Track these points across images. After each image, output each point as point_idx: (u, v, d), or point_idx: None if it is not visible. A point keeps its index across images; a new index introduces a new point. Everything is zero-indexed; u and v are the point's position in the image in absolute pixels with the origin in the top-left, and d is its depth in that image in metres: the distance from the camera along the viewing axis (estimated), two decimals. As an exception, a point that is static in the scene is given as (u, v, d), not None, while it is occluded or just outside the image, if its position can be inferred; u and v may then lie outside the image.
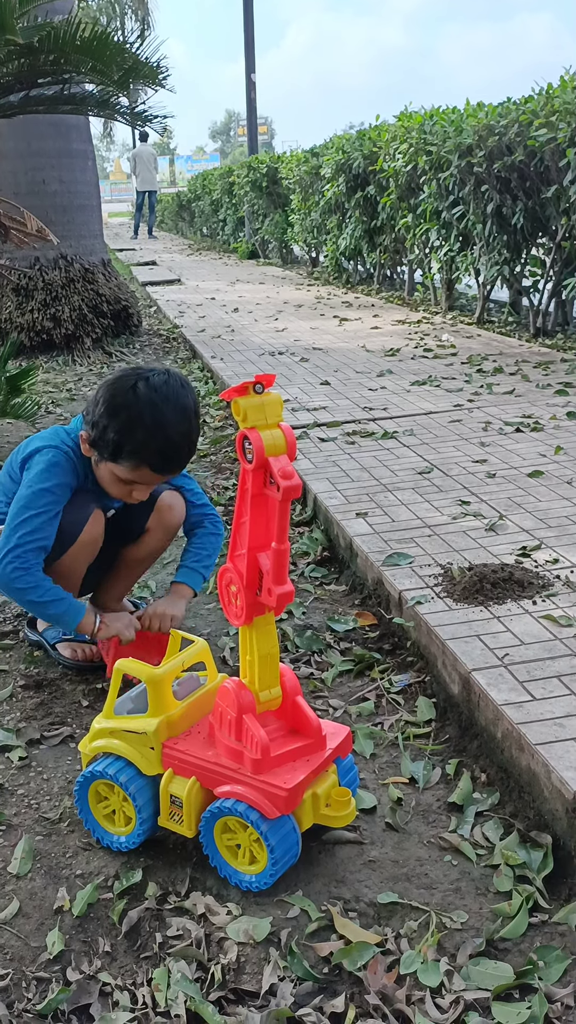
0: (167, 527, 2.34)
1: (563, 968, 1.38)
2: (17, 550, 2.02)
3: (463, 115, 6.51)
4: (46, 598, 2.05)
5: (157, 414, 1.97)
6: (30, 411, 3.98)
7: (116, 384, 2.02)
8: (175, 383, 2.02)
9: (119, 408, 1.98)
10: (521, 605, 2.27)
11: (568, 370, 5.06)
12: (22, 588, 2.03)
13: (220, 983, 1.39)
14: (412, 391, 4.73)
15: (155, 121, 4.81)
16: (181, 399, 2.00)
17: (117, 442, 1.99)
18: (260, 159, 13.21)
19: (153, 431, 1.97)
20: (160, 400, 1.97)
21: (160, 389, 1.98)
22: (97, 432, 2.02)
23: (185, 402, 2.01)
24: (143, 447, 1.99)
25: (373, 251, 9.19)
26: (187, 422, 2.01)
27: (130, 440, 1.99)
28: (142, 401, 1.97)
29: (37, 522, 2.05)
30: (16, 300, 6.27)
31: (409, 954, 1.42)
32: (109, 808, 1.69)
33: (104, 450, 2.03)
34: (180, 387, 2.02)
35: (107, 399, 2.00)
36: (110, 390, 2.02)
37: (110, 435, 1.99)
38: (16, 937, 1.49)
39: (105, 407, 2.00)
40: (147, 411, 1.96)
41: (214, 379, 5.55)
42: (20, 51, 3.96)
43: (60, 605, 2.06)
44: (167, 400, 1.98)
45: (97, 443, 2.04)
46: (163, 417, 1.97)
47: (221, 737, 1.60)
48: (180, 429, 2.00)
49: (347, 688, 2.21)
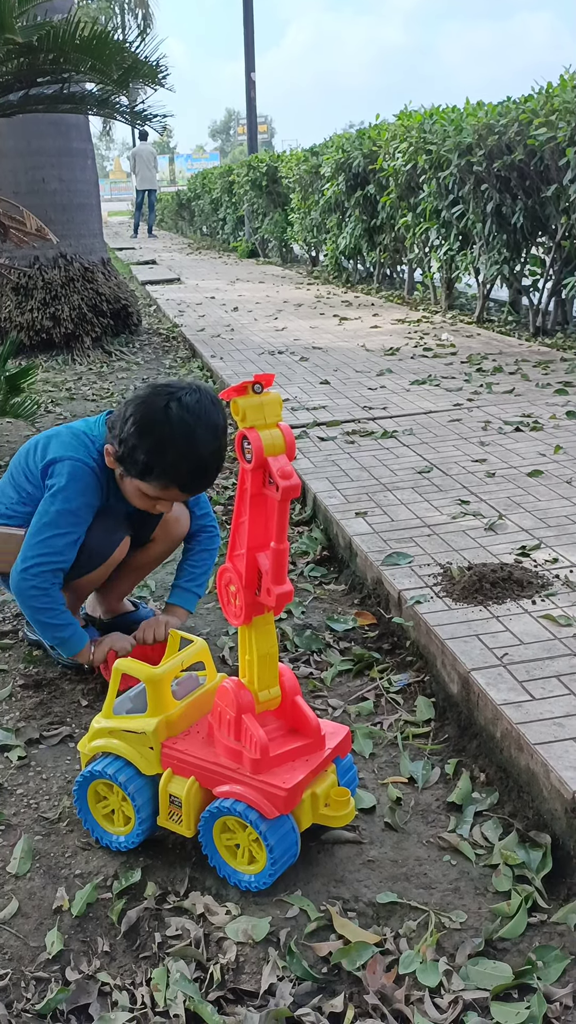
0: (172, 538, 2.37)
1: (562, 968, 1.38)
2: (37, 568, 2.03)
3: (463, 114, 6.50)
4: (56, 621, 2.08)
5: (189, 436, 1.92)
6: (30, 410, 3.98)
7: (147, 402, 1.96)
8: (207, 402, 1.95)
9: (150, 428, 1.93)
10: (520, 605, 2.27)
11: (568, 369, 5.06)
12: (37, 607, 2.05)
13: (219, 983, 1.39)
14: (412, 390, 4.73)
15: (155, 120, 4.81)
16: (213, 418, 1.95)
17: (147, 463, 1.96)
18: (260, 158, 13.20)
19: (185, 454, 1.93)
20: (192, 421, 1.91)
21: (193, 409, 1.92)
22: (125, 450, 1.98)
23: (216, 420, 1.95)
24: (174, 468, 1.96)
25: (373, 250, 9.19)
26: (217, 441, 1.96)
27: (160, 461, 1.95)
28: (174, 422, 1.91)
29: (59, 544, 2.05)
30: (16, 299, 6.26)
31: (408, 954, 1.42)
32: (108, 808, 1.69)
33: (132, 468, 1.99)
34: (211, 405, 1.96)
35: (138, 419, 1.95)
36: (141, 408, 1.96)
37: (140, 456, 1.95)
38: (15, 937, 1.49)
39: (136, 427, 1.94)
40: (179, 433, 1.91)
41: (213, 378, 5.54)
42: (20, 50, 3.96)
43: (67, 631, 2.10)
44: (199, 420, 1.92)
45: (124, 460, 2.00)
46: (195, 439, 1.92)
47: (220, 737, 1.60)
48: (211, 449, 1.95)
49: (346, 688, 2.21)
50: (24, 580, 2.03)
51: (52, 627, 2.08)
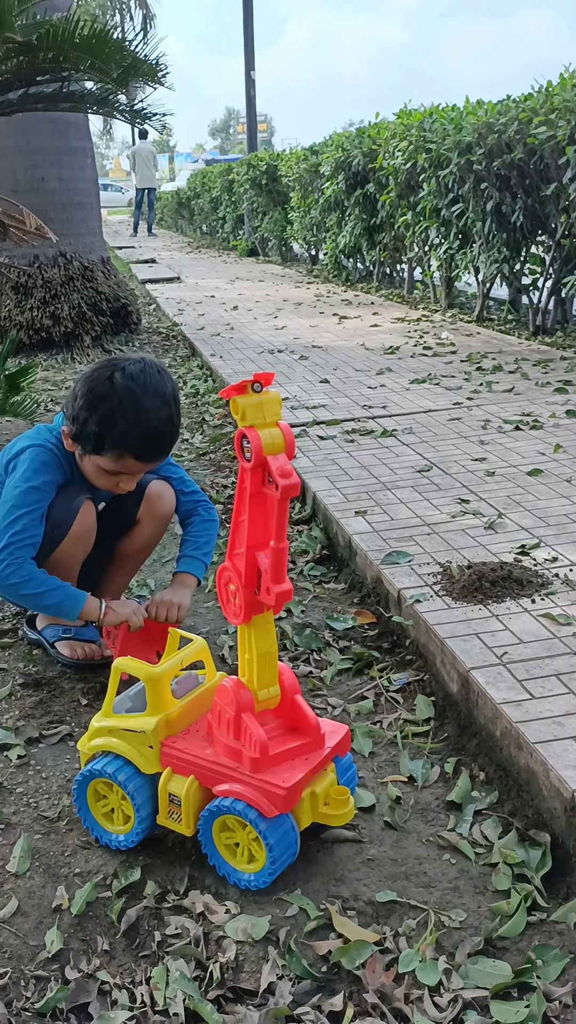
0: (158, 516, 2.34)
1: (561, 967, 1.38)
2: (8, 549, 2.03)
3: (463, 113, 6.50)
4: (42, 588, 2.04)
5: (136, 402, 1.97)
6: (29, 409, 3.97)
7: (93, 376, 2.02)
8: (152, 370, 2.02)
9: (97, 400, 1.99)
10: (520, 604, 2.27)
11: (567, 368, 5.06)
12: (16, 583, 2.03)
13: (219, 981, 1.39)
14: (411, 389, 4.73)
15: (154, 119, 4.80)
16: (159, 386, 2.01)
17: (98, 434, 2.00)
18: (260, 156, 13.19)
19: (133, 420, 1.97)
20: (138, 388, 1.98)
21: (137, 377, 1.99)
22: (78, 426, 2.03)
23: (163, 388, 2.01)
24: (124, 436, 2.00)
25: (372, 249, 9.19)
26: (167, 408, 2.01)
27: (111, 431, 1.99)
28: (120, 391, 1.97)
29: (26, 520, 2.06)
30: (15, 298, 6.26)
31: (407, 953, 1.42)
32: (108, 806, 1.69)
33: (87, 443, 2.04)
34: (157, 374, 2.02)
35: (85, 392, 2.01)
36: (87, 383, 2.02)
37: (91, 428, 2.00)
38: (15, 936, 1.49)
39: (84, 400, 2.01)
40: (126, 400, 1.97)
41: (213, 377, 5.54)
42: (19, 48, 3.95)
43: (57, 594, 2.05)
44: (145, 388, 1.98)
45: (79, 437, 2.05)
46: (142, 405, 1.98)
47: (220, 736, 1.60)
48: (160, 416, 2.00)
49: (346, 686, 2.21)
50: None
51: (41, 595, 2.05)
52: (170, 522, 2.41)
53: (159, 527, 2.38)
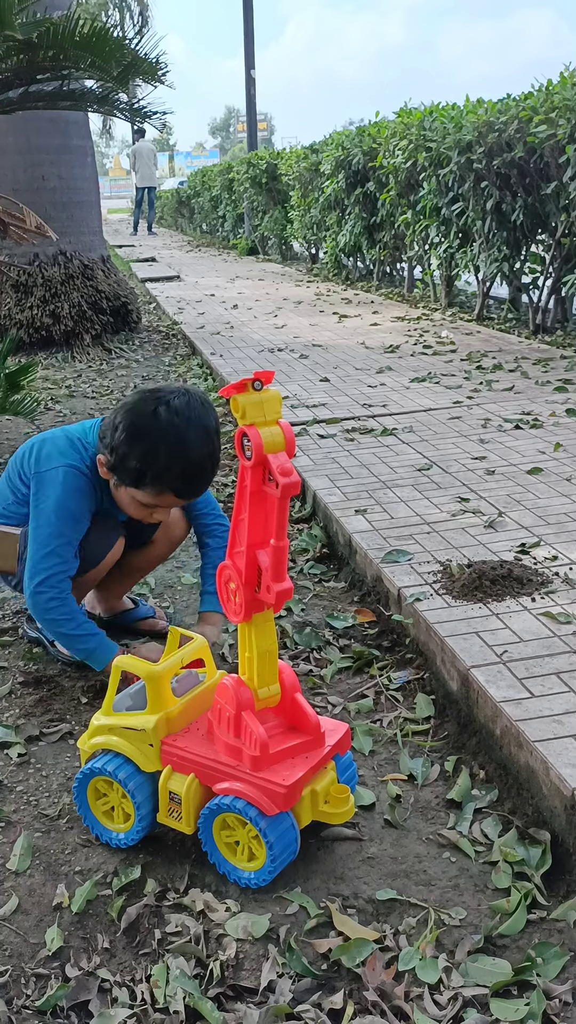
0: (172, 540, 2.38)
1: (561, 965, 1.38)
2: (51, 580, 2.01)
3: (463, 111, 6.50)
4: (80, 631, 2.05)
5: (180, 439, 1.90)
6: (29, 408, 3.98)
7: (136, 409, 1.94)
8: (196, 404, 1.94)
9: (140, 435, 1.92)
10: (520, 602, 2.27)
11: (567, 367, 5.06)
12: (57, 619, 2.03)
13: (219, 979, 1.39)
14: (411, 388, 4.73)
15: (154, 117, 4.80)
16: (203, 420, 1.93)
17: (140, 470, 1.94)
18: (260, 155, 13.19)
19: (176, 457, 1.91)
20: (182, 424, 1.90)
21: (182, 412, 1.90)
22: (117, 458, 1.96)
23: (207, 423, 1.93)
24: (167, 473, 1.94)
25: (373, 247, 9.18)
26: (210, 444, 1.94)
27: (153, 467, 1.93)
28: (164, 426, 1.89)
29: (64, 551, 2.04)
30: (15, 296, 6.26)
31: (408, 951, 1.42)
32: (108, 805, 1.69)
33: (125, 476, 1.97)
34: (201, 407, 1.94)
35: (127, 425, 1.93)
36: (130, 416, 1.94)
37: (132, 463, 1.94)
38: (15, 933, 1.49)
39: (126, 434, 1.93)
40: (170, 437, 1.89)
41: (213, 376, 5.54)
42: (19, 47, 3.95)
43: (92, 640, 2.06)
44: (189, 423, 1.90)
45: (117, 469, 1.98)
46: (186, 442, 1.90)
47: (220, 734, 1.60)
48: (204, 452, 1.93)
49: (346, 685, 2.21)
50: (40, 593, 2.01)
51: (76, 638, 2.05)
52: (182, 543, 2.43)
53: (171, 548, 2.42)
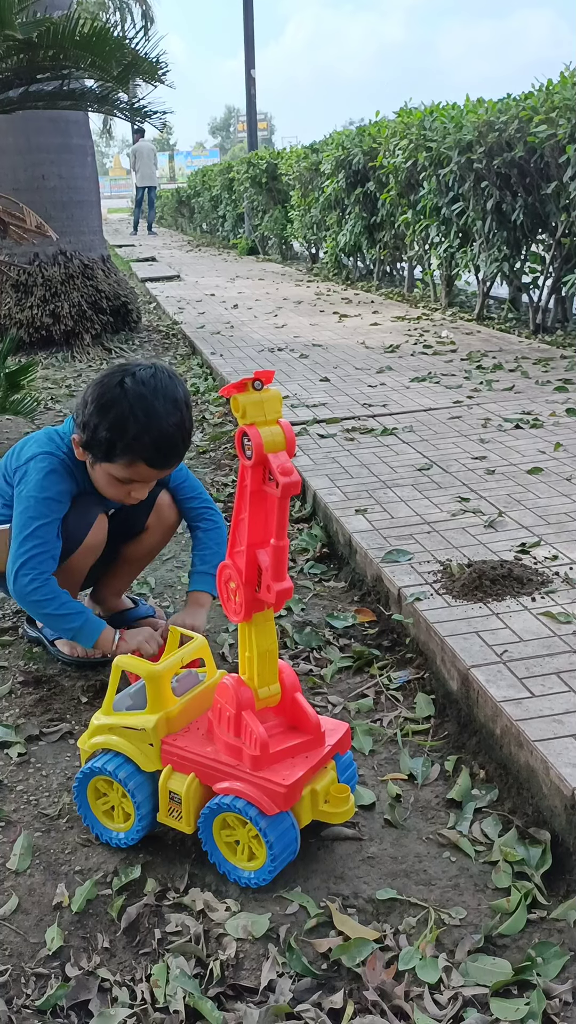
0: (167, 525, 2.36)
1: (561, 964, 1.38)
2: (31, 563, 2.01)
3: (463, 111, 6.50)
4: (63, 611, 2.04)
5: (147, 407, 1.94)
6: (29, 407, 3.97)
7: (103, 382, 2.00)
8: (163, 375, 1.99)
9: (108, 406, 1.96)
10: (520, 602, 2.27)
11: (568, 367, 5.06)
12: (39, 600, 2.03)
13: (219, 979, 1.39)
14: (411, 387, 4.73)
15: (155, 117, 4.80)
16: (170, 391, 1.98)
17: (110, 440, 1.97)
18: (260, 155, 13.19)
19: (145, 425, 1.95)
20: (149, 393, 1.95)
21: (148, 382, 1.96)
22: (88, 433, 2.00)
23: (175, 393, 1.99)
24: (136, 442, 1.96)
25: (373, 247, 9.18)
26: (179, 413, 1.98)
27: (122, 436, 1.96)
28: (131, 396, 1.95)
29: (43, 533, 2.04)
30: (15, 296, 6.26)
31: (408, 950, 1.42)
32: (108, 804, 1.69)
33: (97, 450, 2.01)
34: (168, 379, 2.00)
35: (95, 398, 1.98)
36: (97, 389, 1.99)
37: (102, 434, 1.97)
38: (15, 933, 1.49)
39: (94, 407, 1.98)
40: (137, 405, 1.94)
41: (213, 375, 5.54)
42: (19, 46, 3.95)
43: (78, 619, 2.05)
44: (156, 392, 1.96)
45: (90, 444, 2.01)
46: (154, 410, 1.95)
47: (220, 733, 1.60)
48: (172, 420, 1.97)
49: (346, 684, 2.21)
50: (21, 576, 2.02)
51: (61, 618, 2.05)
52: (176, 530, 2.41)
53: (166, 535, 2.40)
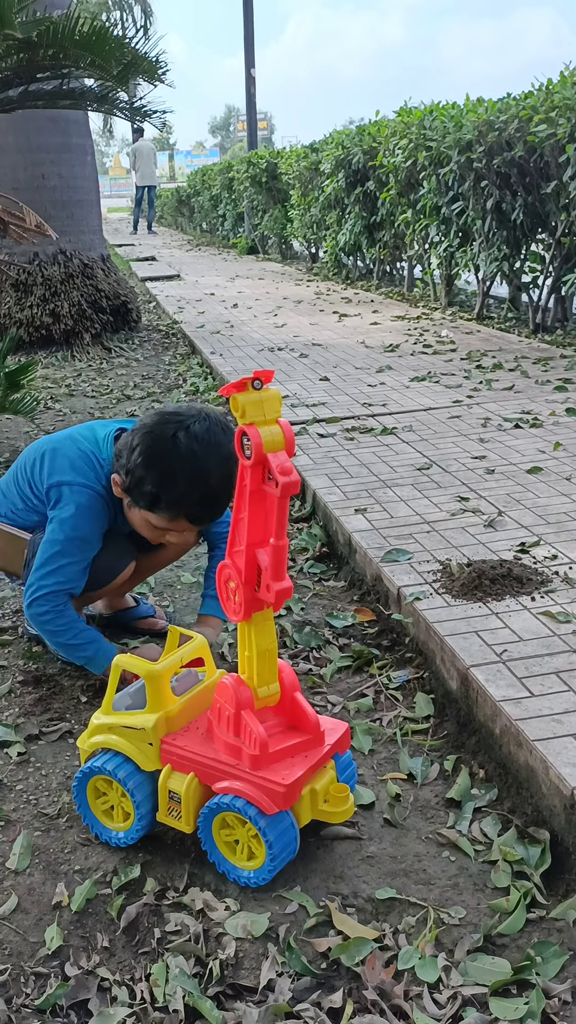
0: (185, 545, 2.36)
1: (560, 964, 1.38)
2: (50, 596, 2.02)
3: (463, 110, 6.50)
4: (78, 640, 2.06)
5: (198, 466, 1.88)
6: (29, 407, 3.98)
7: (154, 432, 1.91)
8: (216, 430, 1.91)
9: (158, 459, 1.89)
10: (520, 601, 2.27)
11: (567, 366, 5.06)
12: (54, 631, 2.05)
13: (218, 978, 1.39)
14: (411, 387, 4.73)
15: (154, 116, 4.80)
16: (223, 447, 1.89)
17: (155, 494, 1.92)
18: (259, 154, 13.18)
19: (194, 484, 1.89)
20: (202, 451, 1.88)
21: (202, 439, 1.88)
22: (132, 481, 1.94)
23: (227, 450, 1.88)
24: (183, 499, 1.92)
25: (372, 247, 9.18)
26: (227, 468, 1.89)
27: (169, 493, 1.91)
28: (183, 453, 1.87)
29: (70, 572, 2.03)
30: (15, 295, 6.26)
31: (407, 949, 1.42)
32: (108, 804, 1.69)
33: (140, 500, 1.96)
34: (221, 432, 1.91)
35: (145, 449, 1.90)
36: (148, 439, 1.91)
37: (147, 487, 1.92)
38: (14, 932, 1.50)
39: (143, 458, 1.90)
40: (188, 463, 1.87)
41: (213, 375, 5.54)
42: (19, 46, 3.95)
43: (90, 648, 2.07)
44: (208, 449, 1.88)
45: (132, 491, 1.96)
46: (205, 470, 1.88)
47: (219, 733, 1.60)
48: (222, 478, 1.89)
49: (345, 684, 2.21)
50: (37, 606, 2.02)
51: (74, 647, 2.07)
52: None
53: (182, 552, 2.42)
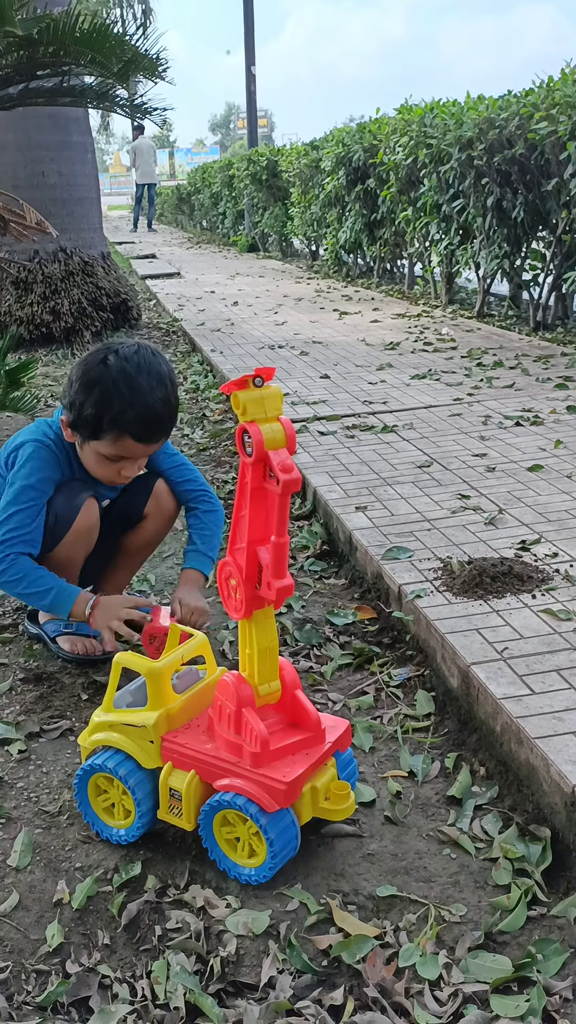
0: (165, 512, 2.36)
1: (561, 961, 1.38)
2: (3, 546, 2.05)
3: (463, 108, 6.49)
4: (37, 587, 2.06)
5: (131, 382, 1.98)
6: (29, 404, 3.97)
7: (87, 361, 2.04)
8: (146, 352, 2.03)
9: (92, 383, 1.99)
10: (520, 599, 2.27)
11: (568, 364, 5.05)
12: (11, 580, 2.06)
13: (219, 976, 1.39)
14: (412, 385, 4.72)
15: (155, 113, 4.79)
16: (154, 366, 2.02)
17: (96, 416, 2.00)
18: (260, 152, 13.17)
19: (129, 399, 1.98)
20: (132, 369, 1.99)
21: (131, 359, 2.00)
22: (75, 412, 2.03)
23: (159, 368, 2.02)
24: (121, 415, 1.99)
25: (373, 244, 9.17)
26: (163, 388, 2.02)
27: (107, 411, 1.99)
28: (114, 372, 1.98)
29: (21, 517, 2.08)
30: (15, 293, 6.26)
31: (408, 947, 1.42)
32: (108, 801, 1.69)
33: (84, 429, 2.04)
34: (151, 355, 2.03)
35: (80, 376, 2.02)
36: (81, 367, 2.03)
37: (88, 411, 2.00)
38: (15, 930, 1.50)
39: (79, 384, 2.01)
40: (120, 380, 1.98)
41: (213, 372, 5.54)
42: (19, 43, 3.94)
43: (49, 595, 2.07)
44: (139, 368, 1.99)
45: (76, 423, 2.05)
46: (137, 384, 1.98)
47: (220, 731, 1.60)
48: (157, 395, 2.00)
49: (346, 682, 2.21)
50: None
51: (37, 595, 2.07)
52: (175, 519, 2.41)
53: (166, 523, 2.40)
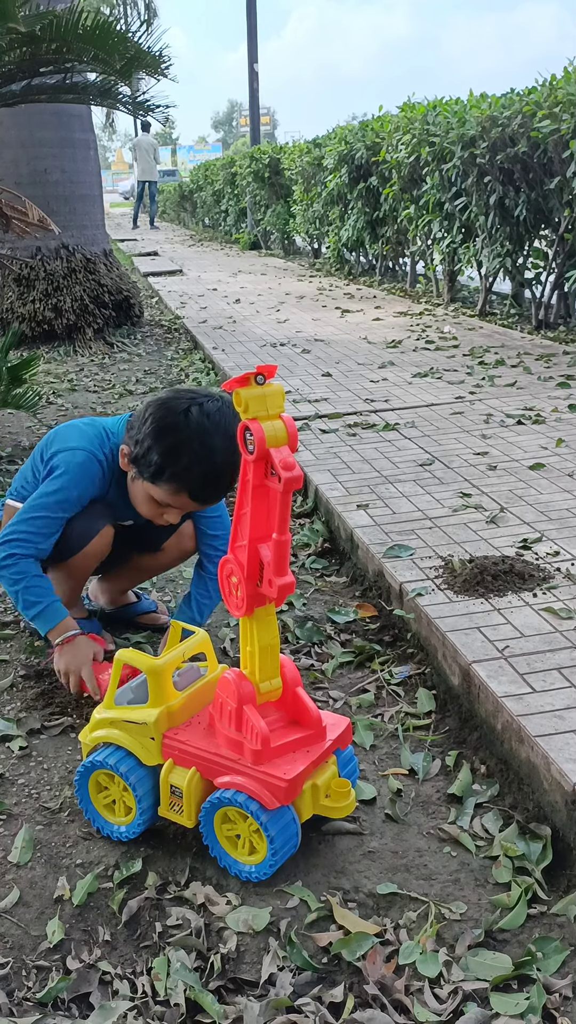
0: (183, 552, 2.37)
1: (561, 959, 1.38)
2: (16, 543, 2.04)
3: (466, 106, 6.48)
4: (30, 595, 2.05)
5: (206, 441, 1.90)
6: (31, 401, 3.97)
7: (167, 404, 1.95)
8: (228, 411, 1.93)
9: (167, 429, 1.92)
10: (521, 597, 2.27)
11: (570, 363, 5.05)
12: (10, 577, 2.05)
13: (219, 972, 1.39)
14: (414, 383, 4.72)
15: (157, 110, 4.79)
16: (231, 429, 1.88)
17: (160, 464, 1.94)
18: (262, 149, 13.16)
19: (199, 458, 1.91)
20: (211, 427, 1.90)
21: (212, 416, 1.91)
22: (140, 451, 1.96)
23: (234, 432, 1.93)
24: (187, 472, 1.93)
25: (375, 242, 9.17)
26: (234, 452, 1.87)
27: (175, 463, 1.93)
28: (192, 426, 1.90)
29: (42, 524, 2.05)
30: (18, 290, 6.26)
31: (408, 944, 1.43)
32: (109, 798, 1.69)
33: (145, 470, 1.97)
34: (232, 416, 1.93)
35: (156, 419, 1.94)
36: (160, 410, 1.95)
37: (154, 456, 1.93)
38: (16, 926, 1.50)
39: (153, 427, 1.93)
40: (196, 437, 1.90)
41: (215, 370, 5.54)
42: (22, 39, 3.94)
43: (40, 606, 2.06)
44: (218, 427, 1.91)
45: (138, 461, 1.98)
46: (212, 444, 1.90)
47: (221, 728, 1.60)
48: (226, 459, 1.89)
49: (347, 679, 2.21)
50: (2, 548, 2.04)
51: (28, 601, 2.06)
52: (190, 558, 2.42)
53: (180, 559, 2.42)
